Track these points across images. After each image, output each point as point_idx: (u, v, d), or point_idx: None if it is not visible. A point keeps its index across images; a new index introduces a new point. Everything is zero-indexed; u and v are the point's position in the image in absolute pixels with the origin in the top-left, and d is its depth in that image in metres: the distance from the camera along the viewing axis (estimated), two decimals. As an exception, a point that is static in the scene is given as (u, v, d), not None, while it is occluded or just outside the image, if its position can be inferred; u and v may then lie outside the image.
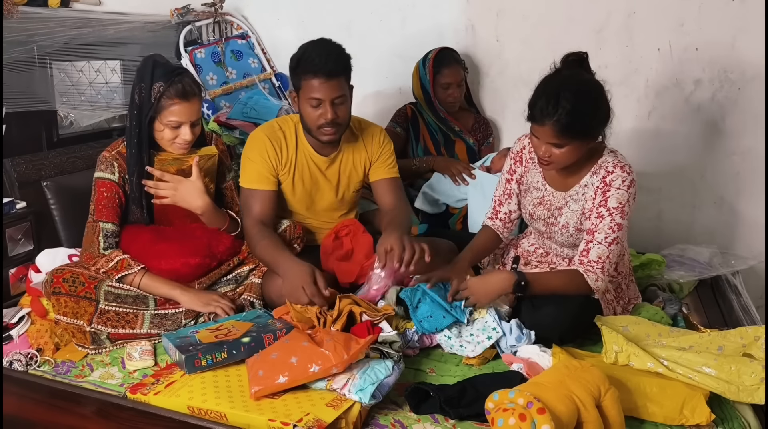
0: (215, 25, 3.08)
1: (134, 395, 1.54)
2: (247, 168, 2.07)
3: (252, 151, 2.07)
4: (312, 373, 1.51)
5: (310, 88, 1.94)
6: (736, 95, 2.54)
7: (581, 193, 1.86)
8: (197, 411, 1.48)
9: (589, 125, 1.72)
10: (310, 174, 2.12)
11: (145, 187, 1.92)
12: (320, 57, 1.91)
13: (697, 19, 2.51)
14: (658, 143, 2.70)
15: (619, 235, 1.79)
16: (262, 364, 1.54)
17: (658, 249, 2.49)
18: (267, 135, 2.08)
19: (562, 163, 1.78)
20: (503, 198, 2.05)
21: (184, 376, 1.59)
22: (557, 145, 1.72)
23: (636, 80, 2.66)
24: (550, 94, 1.69)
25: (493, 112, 2.96)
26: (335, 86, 1.94)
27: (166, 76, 1.84)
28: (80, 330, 1.81)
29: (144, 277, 1.89)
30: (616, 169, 1.79)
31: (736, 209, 2.66)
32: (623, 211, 1.78)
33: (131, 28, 2.64)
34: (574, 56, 1.79)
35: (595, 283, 1.78)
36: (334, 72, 1.93)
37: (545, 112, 1.68)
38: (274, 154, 2.06)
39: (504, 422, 1.31)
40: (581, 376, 1.44)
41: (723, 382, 1.52)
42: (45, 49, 2.33)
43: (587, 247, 1.79)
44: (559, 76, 1.76)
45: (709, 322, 1.99)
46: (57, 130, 2.48)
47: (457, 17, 2.87)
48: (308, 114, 1.98)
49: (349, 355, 1.51)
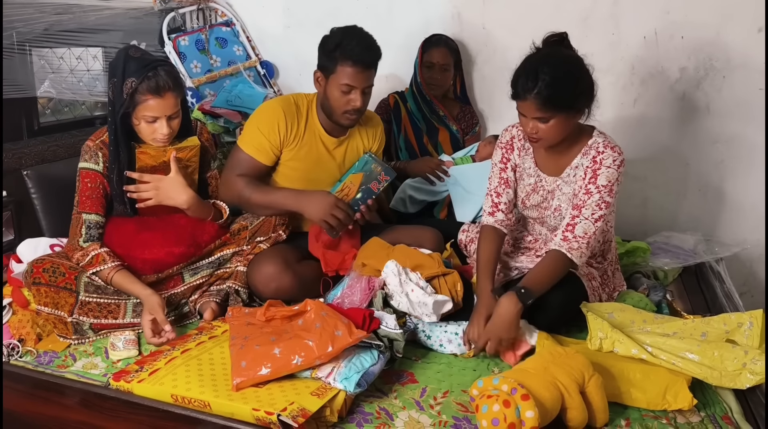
0: (199, 11, 3.04)
1: (117, 383, 1.53)
2: (252, 134, 2.09)
3: (262, 121, 2.09)
4: (295, 365, 1.49)
5: (344, 75, 1.99)
6: (720, 83, 2.55)
7: (572, 175, 1.86)
8: (181, 399, 1.46)
9: (571, 95, 1.72)
10: (317, 152, 2.14)
11: (128, 194, 1.89)
12: (361, 47, 1.99)
13: (682, 6, 2.51)
14: (644, 130, 2.70)
15: (605, 212, 1.79)
16: (245, 355, 1.52)
17: (644, 236, 2.50)
18: (283, 108, 2.10)
19: (550, 138, 1.78)
20: (500, 188, 1.99)
21: (168, 364, 1.58)
22: (542, 119, 1.73)
23: (622, 68, 2.66)
24: (530, 69, 1.71)
25: (480, 100, 2.95)
26: (369, 76, 2.03)
27: (138, 71, 1.78)
28: (62, 321, 1.79)
29: (116, 274, 1.84)
30: (606, 148, 1.80)
31: (721, 197, 2.68)
32: (611, 190, 1.79)
33: (113, 14, 2.60)
34: (555, 37, 1.80)
35: (579, 259, 1.78)
36: (371, 63, 2.02)
37: (526, 87, 1.70)
38: (285, 128, 2.08)
39: (488, 408, 1.32)
40: (565, 362, 1.44)
41: (706, 368, 1.53)
42: (24, 36, 2.29)
43: (573, 222, 1.79)
44: (539, 53, 1.78)
45: (693, 309, 2.01)
46: (38, 118, 2.45)
47: (443, 4, 2.86)
48: (336, 98, 2.03)
49: (334, 348, 1.50)
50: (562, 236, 1.80)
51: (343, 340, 1.51)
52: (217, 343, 1.70)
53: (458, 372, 1.67)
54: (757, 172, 2.58)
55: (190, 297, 1.98)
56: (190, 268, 1.98)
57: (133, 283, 1.84)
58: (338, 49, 1.98)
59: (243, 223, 2.06)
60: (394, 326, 1.66)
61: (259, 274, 1.95)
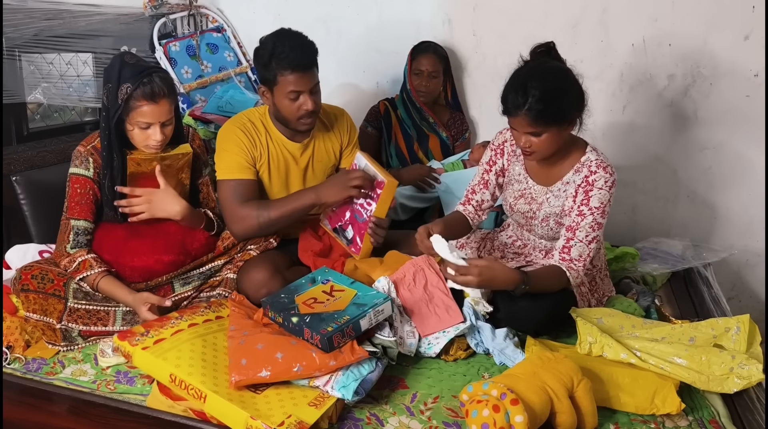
0: (190, 17, 3.04)
1: (122, 342, 1.52)
2: (225, 160, 2.05)
3: (226, 143, 2.06)
4: (295, 372, 1.49)
5: (287, 83, 1.95)
6: (708, 90, 2.57)
7: (563, 190, 1.87)
8: (178, 382, 1.45)
9: (562, 108, 1.72)
10: (285, 162, 2.12)
11: (120, 209, 1.89)
12: (295, 51, 1.92)
13: (670, 14, 2.54)
14: (633, 137, 2.73)
15: (598, 233, 1.81)
16: (246, 353, 1.51)
17: (633, 242, 2.52)
18: (238, 126, 2.07)
19: (543, 151, 1.79)
20: (477, 187, 2.06)
21: (174, 336, 1.57)
22: (534, 133, 1.74)
23: (611, 75, 2.68)
24: (519, 85, 1.71)
25: (471, 106, 2.96)
26: (312, 76, 1.98)
27: (134, 77, 1.78)
28: (50, 327, 1.78)
29: (102, 280, 1.83)
30: (599, 169, 1.81)
31: (708, 203, 2.70)
32: (604, 211, 1.80)
33: (103, 20, 2.59)
34: (542, 47, 1.81)
35: (575, 280, 1.80)
36: (309, 64, 1.96)
37: (516, 103, 1.70)
38: (249, 144, 2.06)
39: (478, 413, 1.32)
40: (554, 367, 1.45)
41: (694, 372, 1.54)
42: (13, 41, 2.29)
43: (568, 245, 1.81)
44: (526, 67, 1.78)
45: (681, 314, 2.02)
46: (27, 124, 2.44)
47: (434, 11, 2.87)
48: (286, 107, 1.99)
49: (337, 362, 1.50)
50: (559, 257, 1.81)
51: (345, 357, 1.52)
52: (221, 327, 1.69)
53: (448, 377, 1.67)
54: (744, 178, 2.60)
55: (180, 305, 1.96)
56: (180, 277, 1.97)
57: (119, 288, 1.84)
58: (273, 59, 1.93)
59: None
60: (388, 334, 1.67)
61: (249, 280, 1.95)
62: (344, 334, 1.55)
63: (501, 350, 1.72)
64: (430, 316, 1.79)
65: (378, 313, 1.65)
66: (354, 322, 1.58)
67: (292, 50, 1.92)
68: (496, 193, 2.07)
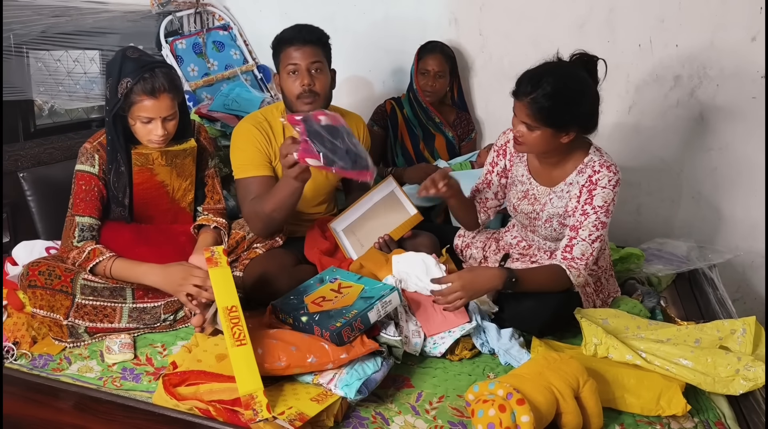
0: (196, 15, 3.05)
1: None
2: (239, 158, 2.06)
3: (241, 142, 2.07)
4: (309, 363, 1.51)
5: (287, 58, 2.03)
6: (714, 91, 2.57)
7: (566, 191, 1.87)
8: (234, 314, 1.53)
9: (563, 114, 1.72)
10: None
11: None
12: (294, 29, 2.04)
13: (677, 15, 2.54)
14: (638, 138, 2.72)
15: (602, 233, 1.81)
16: (261, 345, 1.53)
17: (638, 243, 2.52)
18: (253, 125, 2.09)
19: (531, 146, 1.80)
20: (482, 185, 2.09)
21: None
22: (529, 125, 1.75)
23: (617, 76, 2.67)
24: (536, 75, 1.72)
25: (477, 106, 2.96)
26: (310, 52, 2.02)
27: (135, 71, 1.77)
28: (57, 324, 1.79)
29: (115, 263, 1.82)
30: (602, 168, 1.81)
31: (714, 204, 2.70)
32: (608, 210, 1.80)
33: (110, 17, 2.60)
34: (584, 56, 1.80)
35: (577, 279, 1.80)
36: (308, 39, 2.02)
37: (525, 90, 1.71)
38: (264, 141, 2.07)
39: (484, 413, 1.32)
40: (560, 367, 1.45)
41: (699, 374, 1.54)
42: (21, 38, 2.29)
43: (571, 244, 1.81)
44: (556, 64, 1.78)
45: (687, 315, 2.02)
46: (34, 121, 2.45)
47: (440, 10, 2.87)
48: (288, 86, 2.04)
49: (348, 355, 1.52)
50: (561, 256, 1.81)
51: (357, 350, 1.53)
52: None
53: (454, 377, 1.68)
54: (750, 179, 2.60)
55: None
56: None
57: (135, 265, 1.82)
58: (278, 42, 2.06)
59: (241, 233, 2.06)
60: (393, 333, 1.67)
61: (255, 278, 1.95)
62: (353, 328, 1.57)
63: (506, 350, 1.72)
64: (436, 316, 1.79)
65: (386, 305, 1.66)
66: (362, 316, 1.60)
67: (293, 29, 2.04)
68: (500, 194, 2.07)
